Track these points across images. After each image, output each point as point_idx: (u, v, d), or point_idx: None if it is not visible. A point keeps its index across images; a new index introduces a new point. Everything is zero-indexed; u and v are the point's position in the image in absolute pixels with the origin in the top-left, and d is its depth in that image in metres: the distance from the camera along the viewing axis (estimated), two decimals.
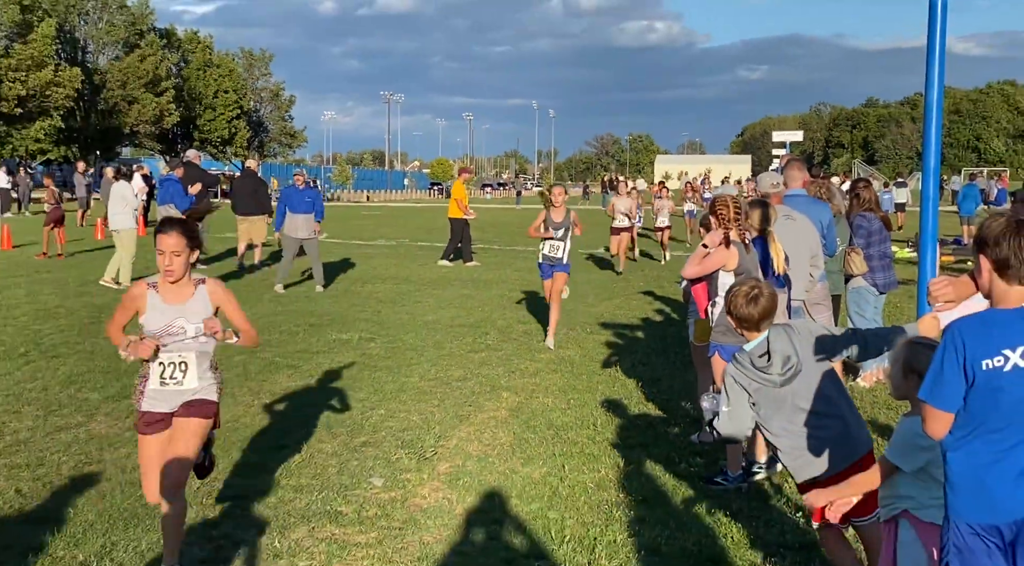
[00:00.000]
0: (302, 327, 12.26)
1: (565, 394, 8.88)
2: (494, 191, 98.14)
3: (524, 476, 6.51)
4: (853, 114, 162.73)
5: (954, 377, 3.00)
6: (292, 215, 16.03)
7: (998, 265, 3.04)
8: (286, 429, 7.57)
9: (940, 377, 3.02)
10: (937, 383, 3.03)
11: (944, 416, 3.04)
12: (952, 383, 3.00)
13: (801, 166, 8.44)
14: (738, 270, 6.25)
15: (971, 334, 3.00)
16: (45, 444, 7.05)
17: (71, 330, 11.65)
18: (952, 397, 3.01)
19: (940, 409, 3.03)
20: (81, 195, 32.95)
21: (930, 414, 3.06)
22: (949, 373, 3.01)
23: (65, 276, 17.15)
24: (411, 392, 8.88)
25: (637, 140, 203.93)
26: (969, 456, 3.06)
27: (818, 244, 7.70)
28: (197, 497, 5.99)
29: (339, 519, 5.71)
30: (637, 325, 12.85)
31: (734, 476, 6.29)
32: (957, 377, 3.00)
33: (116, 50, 67.55)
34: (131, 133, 68.71)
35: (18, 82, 51.76)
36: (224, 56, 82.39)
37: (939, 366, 3.03)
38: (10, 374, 9.23)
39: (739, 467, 6.32)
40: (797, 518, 5.74)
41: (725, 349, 6.34)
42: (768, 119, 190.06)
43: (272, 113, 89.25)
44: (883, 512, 3.77)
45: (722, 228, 6.31)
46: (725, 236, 6.30)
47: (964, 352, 2.98)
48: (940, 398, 3.02)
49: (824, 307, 8.45)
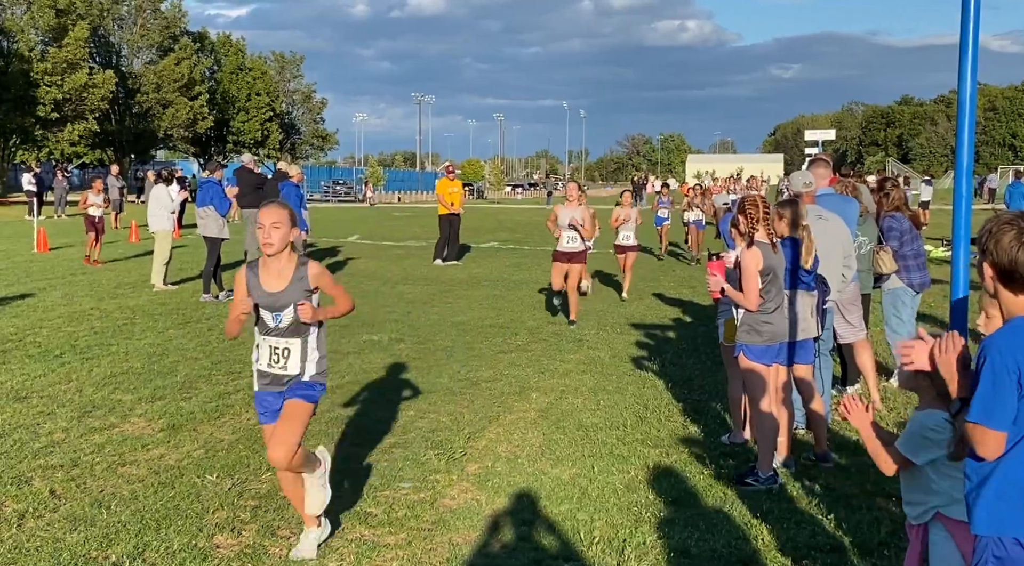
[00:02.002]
0: (332, 328, 12.29)
1: (595, 395, 8.86)
2: (525, 191, 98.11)
3: (553, 477, 6.50)
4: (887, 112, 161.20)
5: (1010, 395, 2.90)
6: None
7: (1003, 275, 2.98)
8: (316, 430, 7.59)
9: (994, 398, 2.91)
10: (991, 405, 2.91)
11: (999, 436, 2.93)
12: (1007, 402, 2.90)
13: (827, 164, 8.37)
14: (764, 270, 6.21)
15: (1019, 348, 2.91)
16: (79, 445, 7.12)
17: (105, 332, 11.77)
18: (1008, 415, 2.90)
19: (997, 430, 2.92)
20: (114, 197, 33.24)
21: (985, 436, 2.94)
22: (1004, 392, 2.88)
23: (99, 278, 17.34)
24: (440, 393, 8.90)
25: (668, 139, 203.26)
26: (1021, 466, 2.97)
27: (851, 244, 7.63)
28: (228, 498, 6.03)
29: (368, 520, 5.72)
30: (667, 325, 12.80)
31: (765, 476, 6.24)
32: (1012, 394, 2.90)
33: (150, 54, 68.17)
34: (165, 136, 69.28)
35: (54, 86, 52.35)
36: (256, 59, 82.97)
37: (990, 388, 2.92)
38: (45, 376, 9.34)
39: (771, 467, 6.27)
40: (829, 519, 5.68)
41: (750, 349, 6.31)
42: (801, 118, 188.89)
43: (304, 115, 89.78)
44: (915, 516, 3.71)
45: (748, 230, 6.26)
46: (749, 236, 6.25)
47: (1018, 369, 2.90)
48: (997, 419, 2.91)
49: (856, 307, 8.37)
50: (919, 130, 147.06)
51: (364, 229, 33.85)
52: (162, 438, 7.32)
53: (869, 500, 6.03)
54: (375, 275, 18.58)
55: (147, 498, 6.02)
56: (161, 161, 79.17)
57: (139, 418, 7.90)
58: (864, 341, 8.42)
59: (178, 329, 12.11)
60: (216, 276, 15.01)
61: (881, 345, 9.89)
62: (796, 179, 7.93)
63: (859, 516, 5.74)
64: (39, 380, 9.16)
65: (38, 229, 23.27)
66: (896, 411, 8.16)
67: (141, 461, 6.77)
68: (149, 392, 8.75)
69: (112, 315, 13.10)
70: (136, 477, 6.42)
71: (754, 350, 6.29)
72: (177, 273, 17.53)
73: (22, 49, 52.39)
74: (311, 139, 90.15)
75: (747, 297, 6.27)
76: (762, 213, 6.28)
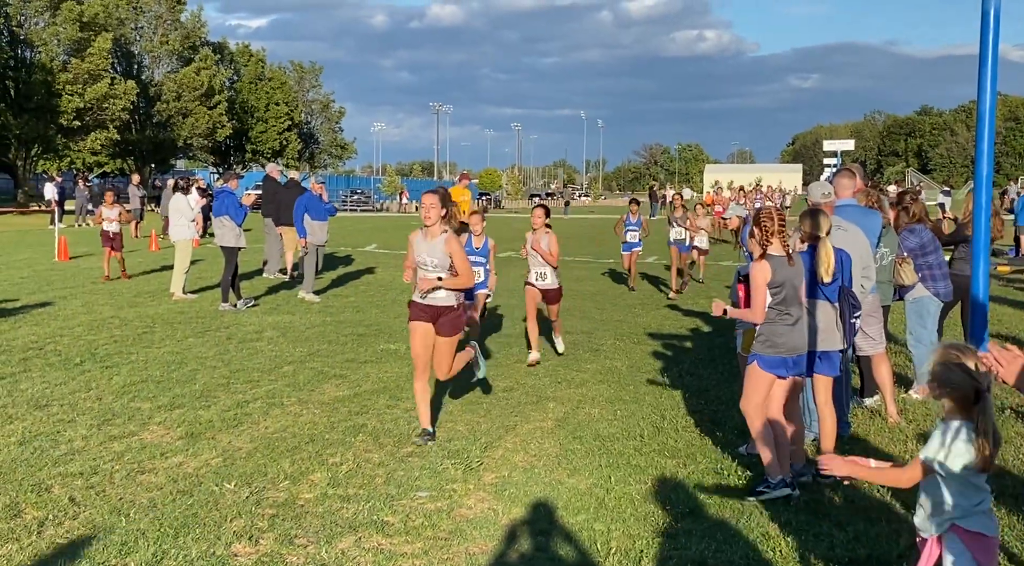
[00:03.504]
0: (350, 337, 12.35)
1: (612, 405, 8.85)
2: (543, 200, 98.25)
3: (570, 487, 6.50)
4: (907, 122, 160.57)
5: None
6: (315, 222, 16.81)
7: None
8: (334, 439, 7.62)
9: None
10: None
11: None
12: None
13: (852, 175, 8.32)
14: (773, 283, 6.18)
15: None
16: (99, 453, 7.16)
17: (125, 340, 11.84)
18: None
19: None
20: (135, 206, 33.50)
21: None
22: None
23: (120, 287, 17.45)
24: (457, 402, 8.91)
25: (686, 149, 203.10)
26: None
27: (870, 255, 7.60)
28: (246, 506, 6.05)
29: (386, 529, 5.73)
30: (685, 335, 12.78)
31: (775, 481, 6.21)
32: None
33: (171, 63, 68.69)
34: (185, 145, 69.74)
35: (76, 95, 52.79)
36: (276, 69, 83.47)
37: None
38: (65, 384, 9.40)
39: (779, 472, 6.23)
40: (847, 531, 5.66)
41: (764, 359, 6.28)
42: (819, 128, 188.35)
43: (322, 125, 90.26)
44: (932, 529, 3.69)
45: (762, 242, 6.24)
46: (763, 248, 6.22)
47: None
48: None
49: (875, 319, 8.33)
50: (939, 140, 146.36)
51: (381, 239, 33.92)
52: (181, 446, 7.36)
53: (888, 513, 6.00)
54: (392, 285, 18.62)
55: (166, 506, 6.04)
56: (180, 170, 79.68)
57: (158, 426, 7.94)
58: (882, 354, 8.38)
59: (197, 338, 12.17)
60: (234, 285, 15.07)
61: (901, 356, 9.84)
62: (815, 189, 7.92)
63: (878, 529, 5.71)
64: (59, 388, 9.22)
65: (59, 238, 23.44)
66: (916, 423, 8.12)
67: (160, 469, 6.81)
68: (168, 400, 8.79)
69: (132, 324, 13.18)
70: (155, 485, 6.45)
71: (768, 361, 6.26)
72: (196, 282, 17.62)
73: (44, 60, 52.87)
74: (329, 148, 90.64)
75: (753, 310, 6.24)
76: (777, 225, 6.24)
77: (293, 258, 19.13)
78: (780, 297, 6.21)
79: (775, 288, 6.18)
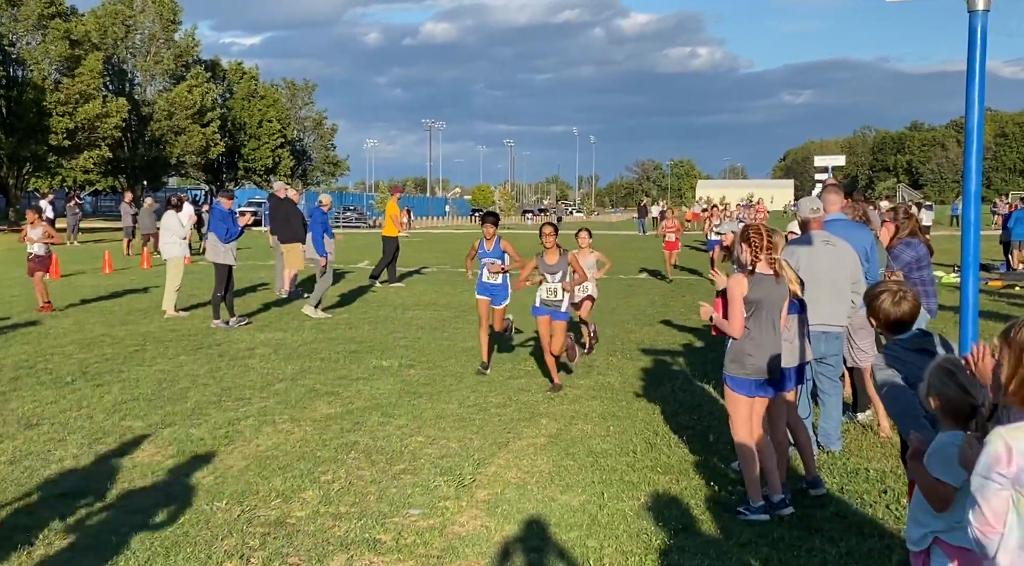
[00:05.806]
0: (342, 354, 12.33)
1: (604, 421, 8.84)
2: (535, 216, 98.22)
3: (563, 504, 6.48)
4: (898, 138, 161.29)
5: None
6: (328, 239, 16.88)
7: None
8: (325, 456, 7.60)
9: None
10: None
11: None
12: None
13: (838, 190, 8.38)
14: (747, 299, 6.09)
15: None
16: (90, 472, 7.13)
17: (116, 358, 11.81)
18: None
19: None
20: (127, 224, 33.43)
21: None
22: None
23: (111, 305, 17.41)
24: (450, 419, 8.89)
25: (679, 165, 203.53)
26: None
27: (859, 269, 7.61)
28: (237, 525, 6.03)
29: (378, 547, 5.71)
30: (677, 351, 12.78)
31: (755, 506, 6.16)
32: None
33: (163, 81, 68.70)
34: (177, 163, 69.68)
35: (67, 116, 52.70)
36: (268, 87, 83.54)
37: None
38: (56, 402, 9.37)
39: (760, 497, 6.18)
40: (840, 547, 5.65)
41: (733, 380, 6.23)
42: (811, 143, 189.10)
43: (315, 142, 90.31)
44: (915, 540, 3.69)
45: (751, 260, 6.15)
46: (752, 266, 6.15)
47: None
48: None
49: (867, 332, 8.35)
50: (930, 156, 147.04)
51: (373, 255, 33.89)
52: (172, 464, 7.33)
53: (880, 528, 5.99)
54: (385, 301, 18.61)
55: (156, 525, 6.02)
56: (173, 188, 79.58)
57: (149, 444, 7.91)
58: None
59: (189, 355, 12.14)
60: (227, 301, 15.03)
61: None
62: (804, 205, 7.95)
63: (870, 544, 5.71)
64: (50, 407, 9.19)
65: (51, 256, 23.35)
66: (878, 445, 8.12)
67: (151, 488, 6.78)
68: (159, 418, 8.77)
69: (123, 341, 13.14)
70: (146, 504, 6.42)
71: (736, 381, 6.22)
72: (188, 299, 17.58)
73: (36, 78, 52.82)
74: (322, 165, 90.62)
75: (731, 324, 6.15)
76: (765, 243, 6.19)
77: (291, 274, 19.09)
78: (750, 315, 6.13)
79: (748, 306, 6.12)
